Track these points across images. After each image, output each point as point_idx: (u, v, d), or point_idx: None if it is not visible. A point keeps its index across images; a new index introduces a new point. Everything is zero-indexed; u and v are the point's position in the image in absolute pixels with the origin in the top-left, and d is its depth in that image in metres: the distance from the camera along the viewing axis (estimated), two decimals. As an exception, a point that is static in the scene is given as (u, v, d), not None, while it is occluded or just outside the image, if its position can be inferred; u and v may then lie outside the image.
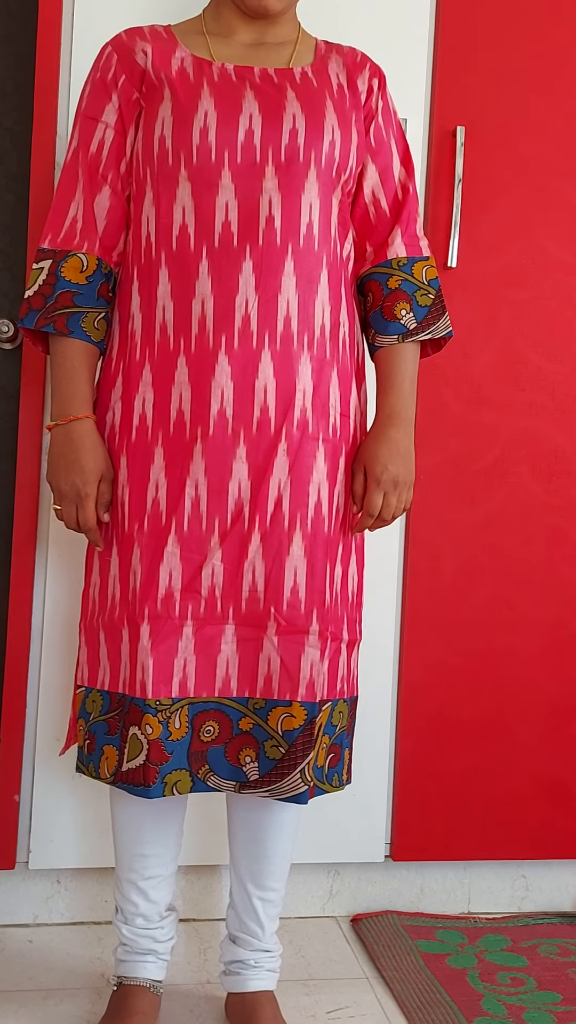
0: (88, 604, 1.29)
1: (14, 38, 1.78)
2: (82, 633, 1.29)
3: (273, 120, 1.23)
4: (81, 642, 1.29)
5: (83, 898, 1.63)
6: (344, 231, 1.30)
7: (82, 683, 1.27)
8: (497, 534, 1.70)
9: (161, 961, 1.32)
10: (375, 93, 1.31)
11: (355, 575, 1.31)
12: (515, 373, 1.71)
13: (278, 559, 1.20)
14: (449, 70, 1.67)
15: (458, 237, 1.66)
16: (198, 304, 1.21)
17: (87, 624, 1.28)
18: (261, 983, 1.32)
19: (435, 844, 1.69)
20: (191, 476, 1.19)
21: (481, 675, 1.70)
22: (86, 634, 1.28)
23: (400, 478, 1.27)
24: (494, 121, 1.69)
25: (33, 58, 1.74)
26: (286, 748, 1.19)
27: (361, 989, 1.46)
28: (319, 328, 1.24)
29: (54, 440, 1.25)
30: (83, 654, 1.28)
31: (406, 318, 1.29)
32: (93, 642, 1.26)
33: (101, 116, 1.27)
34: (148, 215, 1.25)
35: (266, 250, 1.21)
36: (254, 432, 1.20)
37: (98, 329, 1.26)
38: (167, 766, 1.18)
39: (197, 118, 1.22)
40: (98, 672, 1.25)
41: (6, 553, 1.80)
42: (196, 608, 1.20)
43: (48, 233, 1.27)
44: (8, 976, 1.45)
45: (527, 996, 1.43)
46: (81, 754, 1.26)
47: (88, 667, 1.27)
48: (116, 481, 1.24)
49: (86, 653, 1.27)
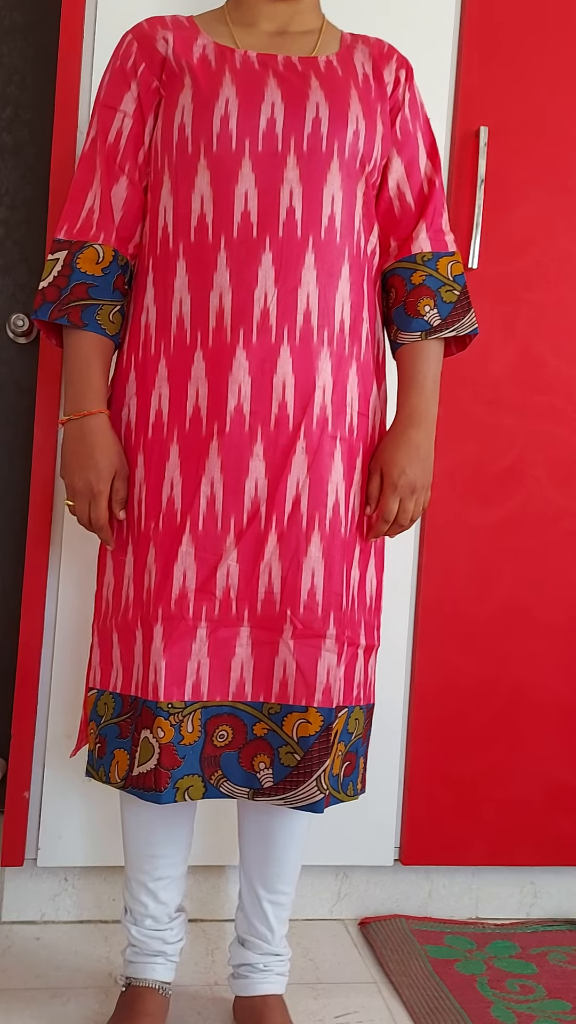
0: (101, 605, 1.26)
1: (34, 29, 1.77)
2: (95, 634, 1.27)
3: (296, 109, 1.20)
4: (94, 644, 1.27)
5: (90, 896, 1.62)
6: (369, 225, 1.27)
7: (94, 685, 1.25)
8: (513, 538, 1.69)
9: (170, 963, 1.31)
10: (402, 84, 1.29)
11: (373, 579, 1.29)
12: (534, 376, 1.69)
13: (295, 560, 1.18)
14: (473, 70, 1.65)
15: (479, 238, 1.64)
16: (215, 297, 1.18)
17: (100, 625, 1.26)
18: (270, 987, 1.31)
19: (444, 849, 1.67)
20: (207, 474, 1.17)
21: (494, 680, 1.68)
22: (99, 635, 1.26)
23: (418, 482, 1.24)
24: (517, 122, 1.67)
25: (53, 49, 1.73)
26: (301, 755, 1.17)
27: (369, 993, 1.45)
28: (339, 323, 1.21)
29: (67, 436, 1.23)
30: (95, 656, 1.26)
31: (430, 314, 1.27)
32: (106, 643, 1.24)
33: (120, 105, 1.25)
34: (166, 205, 1.23)
35: (286, 242, 1.18)
36: (272, 429, 1.18)
37: (113, 322, 1.24)
38: (179, 771, 1.16)
39: (218, 106, 1.20)
40: (111, 674, 1.23)
41: (20, 549, 1.79)
42: (211, 609, 1.18)
43: (64, 224, 1.25)
44: (16, 974, 1.44)
45: (536, 1004, 1.42)
46: (91, 758, 1.24)
47: (100, 669, 1.24)
48: (133, 479, 1.22)
49: (99, 655, 1.25)
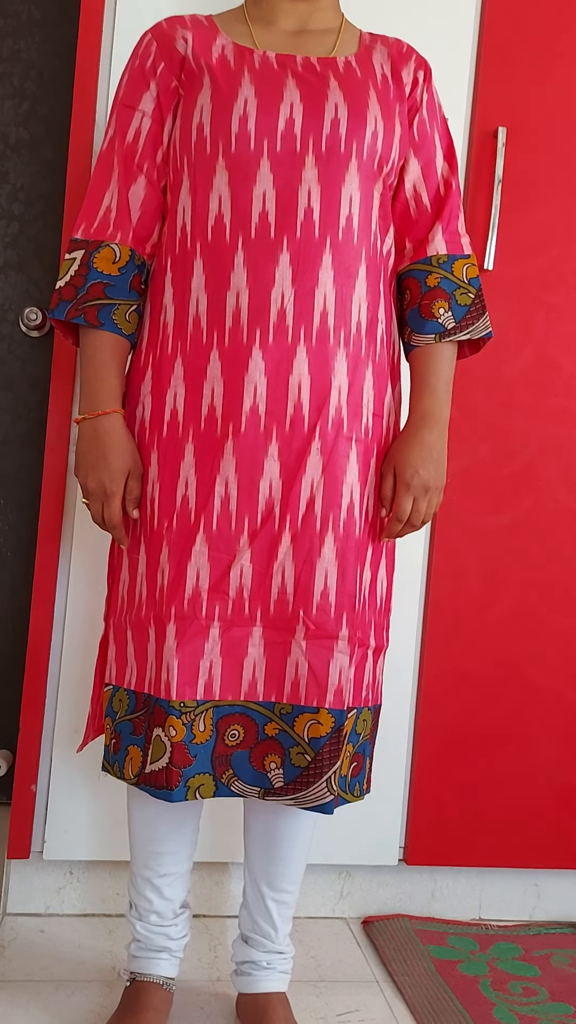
0: (117, 602, 1.27)
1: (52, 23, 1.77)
2: (111, 630, 1.27)
3: (315, 109, 1.20)
4: (110, 639, 1.27)
5: (95, 890, 1.63)
6: (385, 226, 1.27)
7: (110, 681, 1.26)
8: (523, 541, 1.69)
9: (174, 958, 1.31)
10: (420, 85, 1.29)
11: (384, 580, 1.29)
12: (548, 379, 1.69)
13: (308, 561, 1.18)
14: (492, 70, 1.65)
15: (496, 239, 1.64)
16: (232, 296, 1.18)
17: (116, 622, 1.27)
18: (273, 984, 1.31)
19: (449, 849, 1.68)
20: (221, 474, 1.17)
21: (501, 683, 1.68)
22: (114, 632, 1.26)
23: (431, 483, 1.24)
24: (536, 123, 1.67)
25: (71, 44, 1.73)
26: (312, 756, 1.17)
27: (371, 992, 1.46)
28: (355, 324, 1.21)
29: (81, 435, 1.23)
30: (111, 652, 1.26)
31: (444, 317, 1.27)
32: (121, 640, 1.25)
33: (138, 105, 1.25)
34: (184, 205, 1.23)
35: (304, 242, 1.18)
36: (287, 429, 1.18)
37: (129, 322, 1.24)
38: (190, 769, 1.17)
39: (237, 105, 1.20)
40: (125, 671, 1.23)
41: (31, 543, 1.80)
42: (223, 609, 1.18)
43: (82, 223, 1.25)
44: (20, 965, 1.45)
45: (539, 1007, 1.43)
46: (107, 753, 1.25)
47: (116, 665, 1.25)
48: (146, 478, 1.23)
49: (114, 651, 1.26)
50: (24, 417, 1.80)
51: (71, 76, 1.72)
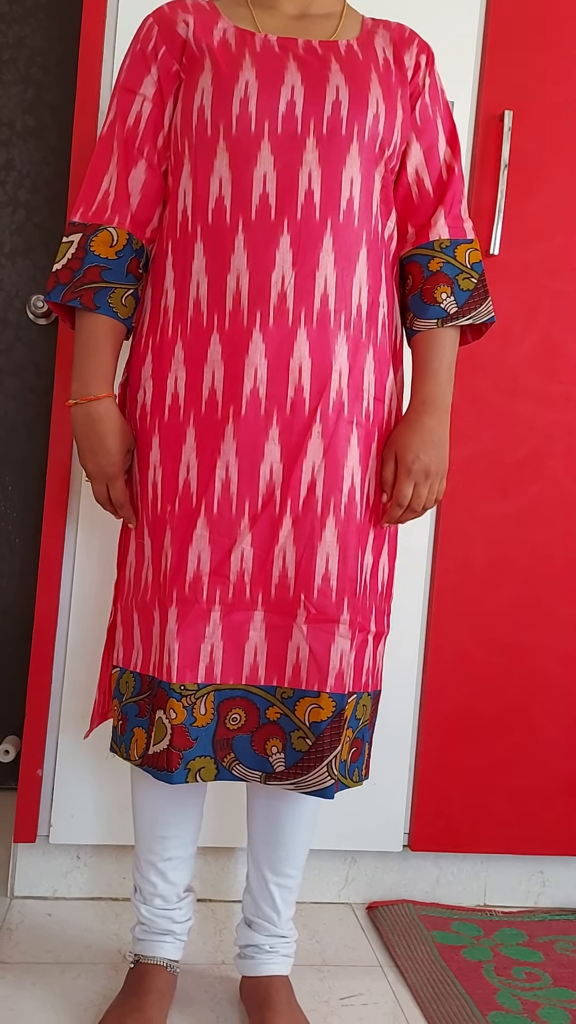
0: (124, 585, 1.28)
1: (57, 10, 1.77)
2: (118, 613, 1.28)
3: (316, 92, 1.20)
4: (117, 622, 1.28)
5: (101, 874, 1.64)
6: (387, 210, 1.26)
7: (117, 663, 1.27)
8: (529, 528, 1.68)
9: (179, 941, 1.32)
10: (422, 70, 1.28)
11: (386, 565, 1.29)
12: (554, 365, 1.68)
13: (310, 545, 1.18)
14: (498, 53, 1.64)
15: (502, 224, 1.63)
16: (233, 279, 1.18)
17: (123, 605, 1.27)
18: (276, 968, 1.32)
19: (453, 836, 1.68)
20: (222, 457, 1.17)
21: (506, 670, 1.68)
22: (122, 615, 1.27)
23: (432, 468, 1.23)
24: (543, 106, 1.65)
25: (76, 31, 1.73)
26: (313, 740, 1.17)
27: (375, 977, 1.46)
28: (356, 307, 1.21)
29: (75, 420, 1.24)
30: (119, 634, 1.27)
31: (446, 302, 1.26)
32: (128, 623, 1.26)
33: (139, 88, 1.25)
34: (185, 188, 1.22)
35: (304, 225, 1.18)
36: (288, 413, 1.18)
37: (125, 306, 1.24)
38: (191, 752, 1.17)
39: (238, 88, 1.19)
40: (132, 653, 1.24)
41: (37, 528, 1.80)
42: (224, 593, 1.18)
43: (80, 206, 1.25)
44: (28, 948, 1.46)
45: (542, 992, 1.43)
46: (115, 735, 1.26)
47: (123, 647, 1.26)
48: (148, 462, 1.23)
49: (122, 634, 1.27)
50: (31, 403, 1.81)
51: (76, 62, 1.72)
